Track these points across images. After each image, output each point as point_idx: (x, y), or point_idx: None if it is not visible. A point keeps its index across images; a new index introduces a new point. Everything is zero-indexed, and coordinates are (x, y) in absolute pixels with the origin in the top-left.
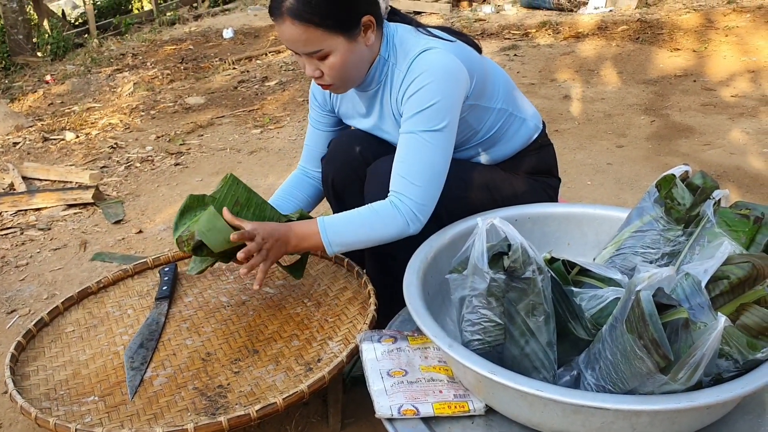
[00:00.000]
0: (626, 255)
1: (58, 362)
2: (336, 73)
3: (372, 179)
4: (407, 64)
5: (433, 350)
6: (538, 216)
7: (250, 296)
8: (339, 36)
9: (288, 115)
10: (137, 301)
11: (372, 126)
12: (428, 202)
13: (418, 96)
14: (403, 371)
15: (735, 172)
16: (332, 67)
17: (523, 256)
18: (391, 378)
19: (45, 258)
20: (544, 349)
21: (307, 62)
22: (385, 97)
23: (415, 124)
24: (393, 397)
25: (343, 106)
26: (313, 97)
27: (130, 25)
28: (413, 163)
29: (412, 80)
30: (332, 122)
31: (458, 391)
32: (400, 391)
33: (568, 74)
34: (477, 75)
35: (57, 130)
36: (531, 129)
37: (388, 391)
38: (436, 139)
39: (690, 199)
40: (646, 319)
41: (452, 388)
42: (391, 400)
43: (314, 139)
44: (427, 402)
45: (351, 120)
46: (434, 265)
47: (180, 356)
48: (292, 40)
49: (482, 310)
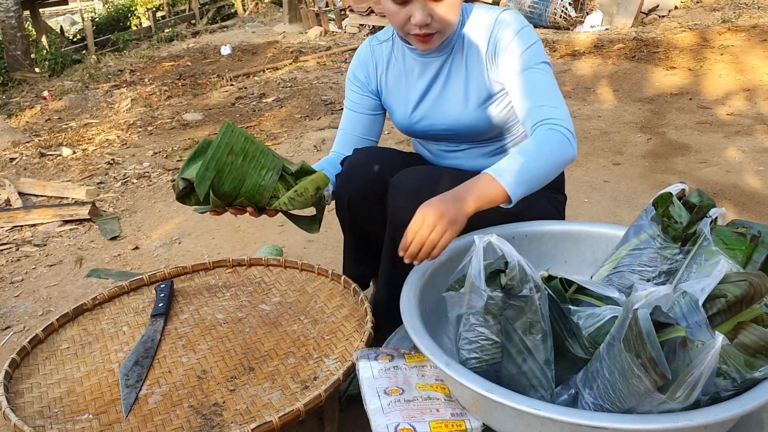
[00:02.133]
0: (623, 273)
1: (53, 379)
2: (451, 16)
3: (395, 190)
4: (493, 19)
5: (430, 368)
6: (535, 234)
7: (247, 313)
8: None
9: (285, 131)
10: (133, 318)
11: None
12: (571, 123)
13: (518, 38)
14: (400, 389)
15: (731, 190)
16: (450, 6)
17: (521, 273)
18: (387, 396)
19: (40, 274)
20: (541, 367)
21: (418, 6)
22: (457, 59)
23: (528, 61)
24: (390, 415)
25: (391, 85)
26: (353, 76)
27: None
28: (546, 91)
29: (505, 28)
30: (371, 105)
31: (455, 410)
32: (396, 410)
33: (564, 92)
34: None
35: (54, 145)
36: None
37: (384, 409)
38: (550, 70)
39: (687, 218)
40: (644, 337)
41: (449, 406)
42: (388, 419)
43: (350, 123)
44: (424, 421)
45: (403, 102)
46: (431, 282)
47: (175, 374)
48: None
49: (479, 328)
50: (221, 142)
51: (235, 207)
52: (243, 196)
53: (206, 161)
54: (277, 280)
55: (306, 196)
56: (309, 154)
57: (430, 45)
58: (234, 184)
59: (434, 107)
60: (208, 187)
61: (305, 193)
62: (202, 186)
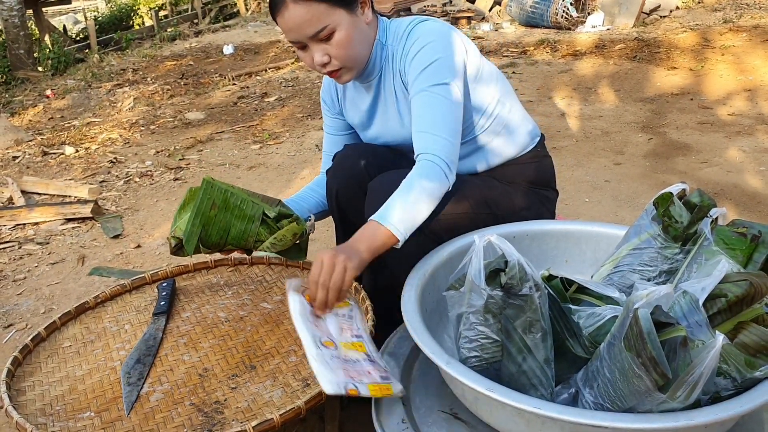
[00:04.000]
0: (624, 272)
1: (55, 377)
2: (344, 51)
3: (373, 195)
4: (405, 34)
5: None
6: (536, 233)
7: (248, 312)
8: (340, 9)
9: (287, 131)
10: (135, 317)
11: (378, 121)
12: (454, 154)
13: (420, 55)
14: (333, 344)
15: (732, 190)
16: (339, 44)
17: (520, 272)
18: (325, 349)
19: (43, 272)
20: (541, 366)
21: (314, 49)
22: (386, 83)
23: (423, 81)
24: (337, 372)
25: (348, 108)
26: (323, 102)
27: (130, 40)
28: (431, 118)
29: (412, 44)
30: (344, 126)
31: (382, 373)
32: (339, 368)
33: (566, 92)
34: (473, 54)
35: (56, 144)
36: (529, 135)
37: (329, 364)
38: (447, 91)
39: (687, 217)
40: (645, 336)
41: (375, 369)
42: (336, 377)
43: (331, 145)
44: (362, 383)
45: (356, 121)
46: (432, 282)
47: (177, 372)
48: (298, 22)
49: (479, 327)
50: (203, 198)
51: (225, 251)
52: (230, 243)
53: (191, 218)
54: (278, 279)
55: (285, 242)
56: (311, 153)
57: (343, 79)
58: (220, 235)
59: (383, 127)
60: (196, 242)
61: (284, 239)
62: (190, 243)
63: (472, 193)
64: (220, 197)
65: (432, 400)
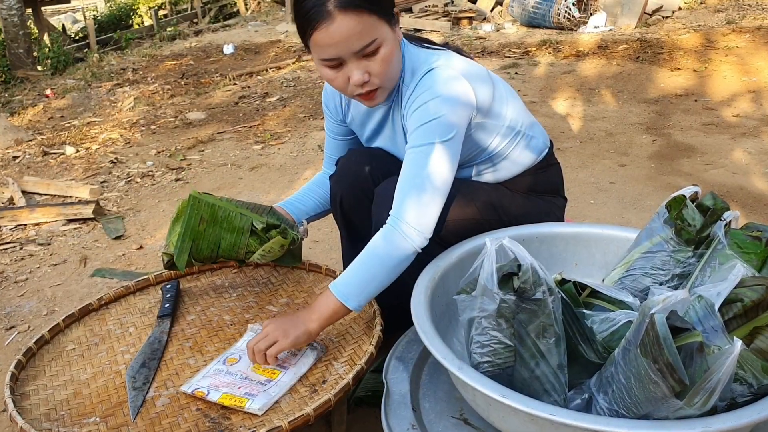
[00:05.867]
0: (636, 276)
1: (59, 381)
2: (386, 68)
3: (380, 200)
4: (415, 82)
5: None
6: (545, 236)
7: (254, 315)
8: (385, 24)
9: (289, 131)
10: (139, 319)
11: (385, 142)
12: (427, 217)
13: (420, 111)
14: (237, 358)
15: (738, 192)
16: (384, 60)
17: (534, 276)
18: (221, 364)
19: (44, 273)
20: (554, 371)
21: (355, 66)
22: (396, 113)
23: (416, 139)
24: (205, 380)
25: (355, 120)
26: (325, 107)
27: (130, 40)
28: (413, 178)
29: (417, 96)
30: (346, 132)
31: (252, 391)
32: (214, 377)
33: (569, 93)
34: (484, 91)
35: (57, 144)
36: (539, 148)
37: (208, 373)
38: (437, 151)
39: (700, 221)
40: (661, 342)
41: (252, 388)
42: (199, 382)
43: (333, 148)
44: (220, 391)
45: (363, 134)
46: (442, 285)
47: (183, 376)
48: (346, 35)
49: (492, 332)
50: (191, 214)
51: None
52: (222, 255)
53: (181, 234)
54: (284, 281)
55: (274, 253)
56: (313, 154)
57: (376, 101)
58: (211, 248)
59: (389, 146)
60: (187, 256)
61: (272, 251)
62: (180, 260)
63: (480, 197)
64: (208, 211)
65: (442, 405)
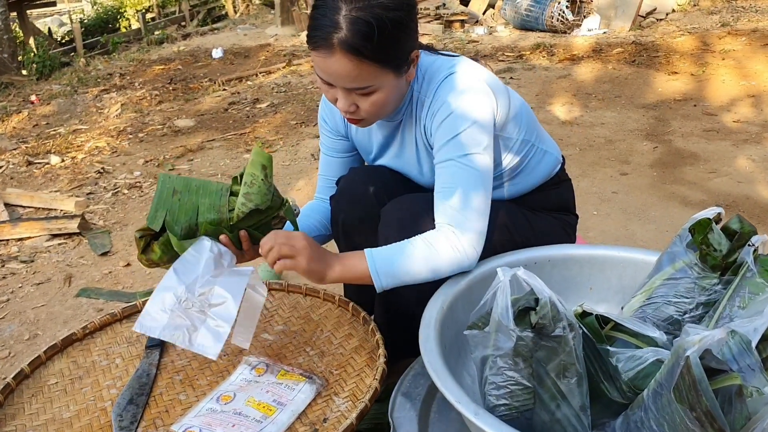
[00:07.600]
0: (659, 304)
1: (39, 420)
2: (375, 110)
3: (388, 220)
4: (432, 91)
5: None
6: (558, 258)
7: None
8: (390, 72)
9: (281, 138)
10: (126, 349)
11: (391, 158)
12: (482, 231)
13: (448, 123)
14: (232, 396)
15: (744, 201)
16: (374, 104)
17: (553, 311)
18: (214, 402)
19: (27, 293)
20: (576, 413)
21: (342, 96)
22: (408, 128)
23: (451, 151)
24: (197, 419)
25: (358, 134)
26: (322, 121)
27: (117, 44)
28: (460, 191)
29: (439, 107)
30: (346, 147)
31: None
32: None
33: (565, 98)
34: (501, 101)
35: (42, 153)
36: (553, 162)
37: (200, 412)
38: (476, 162)
39: (727, 245)
40: (698, 387)
41: (247, 426)
42: (191, 421)
43: (329, 168)
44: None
45: (366, 150)
46: (450, 315)
47: (173, 413)
48: (340, 74)
49: (508, 372)
50: (163, 188)
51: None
52: (203, 224)
53: (154, 207)
54: (279, 306)
55: (257, 183)
56: (306, 163)
57: (359, 125)
58: (189, 215)
59: (396, 163)
60: (161, 222)
61: (255, 179)
62: (156, 222)
63: (491, 216)
64: (180, 183)
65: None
